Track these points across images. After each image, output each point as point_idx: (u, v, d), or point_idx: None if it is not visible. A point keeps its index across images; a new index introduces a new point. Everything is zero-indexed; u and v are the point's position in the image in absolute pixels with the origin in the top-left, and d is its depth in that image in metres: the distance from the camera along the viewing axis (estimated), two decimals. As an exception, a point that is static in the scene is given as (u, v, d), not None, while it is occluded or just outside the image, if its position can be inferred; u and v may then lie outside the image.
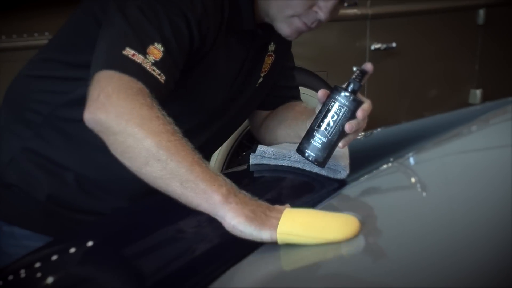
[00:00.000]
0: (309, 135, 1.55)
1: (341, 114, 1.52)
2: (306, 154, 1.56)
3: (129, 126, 1.29)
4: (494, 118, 2.10)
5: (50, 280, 1.27)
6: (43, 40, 2.55)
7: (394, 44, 3.26)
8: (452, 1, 3.51)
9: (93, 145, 1.57)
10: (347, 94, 1.52)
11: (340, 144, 1.56)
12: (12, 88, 1.70)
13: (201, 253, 1.34)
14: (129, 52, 1.36)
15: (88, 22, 1.57)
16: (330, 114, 1.52)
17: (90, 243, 1.37)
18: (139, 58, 1.36)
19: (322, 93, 1.55)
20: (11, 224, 1.64)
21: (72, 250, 1.35)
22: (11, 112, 1.67)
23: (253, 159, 1.68)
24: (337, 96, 1.52)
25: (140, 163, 1.30)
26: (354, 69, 1.52)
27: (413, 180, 1.75)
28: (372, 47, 3.23)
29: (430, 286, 1.21)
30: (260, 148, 1.67)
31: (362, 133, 1.74)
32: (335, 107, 1.52)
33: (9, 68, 2.26)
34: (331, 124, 1.52)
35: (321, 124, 1.53)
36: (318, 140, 1.54)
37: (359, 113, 1.52)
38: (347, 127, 1.52)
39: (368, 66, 1.54)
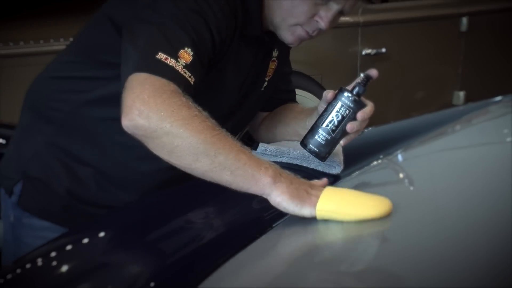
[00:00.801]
0: (314, 131, 1.56)
1: (345, 115, 1.53)
2: (309, 148, 1.57)
3: (174, 128, 1.28)
4: (476, 118, 2.10)
5: (64, 268, 1.27)
6: (49, 46, 2.55)
7: (383, 50, 3.27)
8: (437, 10, 3.52)
9: (111, 142, 1.58)
10: (352, 97, 1.53)
11: (341, 142, 1.58)
12: (33, 89, 1.70)
13: (206, 242, 1.34)
14: (162, 56, 1.36)
15: (106, 26, 1.57)
16: (335, 114, 1.54)
17: (101, 234, 1.37)
18: (171, 62, 1.36)
19: (330, 93, 1.56)
20: (31, 215, 1.65)
21: (85, 240, 1.35)
22: (33, 111, 1.67)
23: (254, 156, 1.68)
24: (343, 98, 1.54)
25: (190, 160, 1.30)
26: (362, 75, 1.53)
27: (401, 175, 1.75)
28: (363, 52, 3.24)
29: (413, 269, 1.22)
30: (261, 146, 1.67)
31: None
32: (341, 108, 1.54)
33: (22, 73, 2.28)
34: (336, 123, 1.54)
35: (326, 122, 1.54)
36: (322, 136, 1.55)
37: (359, 115, 1.53)
38: (349, 127, 1.54)
39: (373, 72, 1.55)
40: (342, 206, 1.30)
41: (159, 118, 1.29)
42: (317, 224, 1.34)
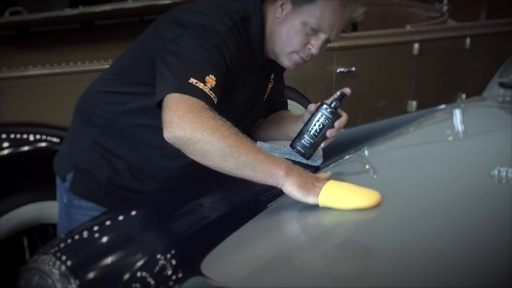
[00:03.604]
0: (301, 136, 1.56)
1: (325, 124, 1.54)
2: (297, 149, 1.57)
3: (204, 135, 1.27)
4: (426, 122, 2.10)
5: (105, 238, 1.26)
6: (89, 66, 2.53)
7: (353, 68, 3.26)
8: (395, 37, 3.51)
9: (142, 142, 1.57)
10: (331, 109, 1.54)
11: (322, 145, 1.58)
12: (82, 99, 1.69)
13: (214, 219, 1.33)
14: (193, 80, 1.35)
15: (141, 51, 1.56)
16: (317, 123, 1.54)
17: (134, 212, 1.36)
18: (200, 85, 1.35)
19: (313, 107, 1.57)
20: (80, 198, 1.64)
21: (121, 217, 1.34)
22: (82, 116, 1.66)
23: (253, 152, 1.66)
24: (323, 111, 1.54)
25: (218, 161, 1.29)
26: (338, 93, 1.55)
27: (367, 166, 1.75)
28: (338, 71, 3.22)
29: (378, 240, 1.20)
30: (259, 143, 1.67)
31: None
32: (322, 118, 1.54)
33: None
34: (318, 130, 1.54)
35: (310, 129, 1.55)
36: (307, 140, 1.55)
37: (336, 124, 1.54)
38: (328, 133, 1.55)
39: (347, 90, 1.56)
40: (340, 197, 1.28)
41: (192, 129, 1.28)
42: (304, 205, 1.33)
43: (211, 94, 1.35)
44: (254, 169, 1.28)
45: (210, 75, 1.37)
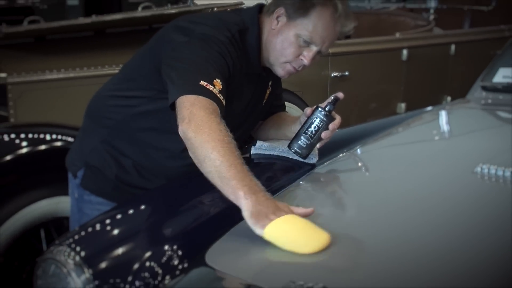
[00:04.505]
0: (297, 137, 1.57)
1: (320, 126, 1.55)
2: (294, 150, 1.57)
3: (199, 133, 1.26)
4: (414, 122, 2.10)
5: (115, 231, 1.26)
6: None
7: (347, 73, 3.26)
8: (385, 44, 3.51)
9: (147, 143, 1.57)
10: (325, 113, 1.54)
11: (317, 145, 1.58)
12: (92, 102, 1.68)
13: (213, 215, 1.33)
14: (203, 83, 1.34)
15: (147, 57, 1.55)
16: (313, 126, 1.55)
17: (141, 207, 1.36)
18: (210, 87, 1.34)
19: (309, 110, 1.57)
20: (90, 193, 1.63)
21: (130, 211, 1.34)
22: (92, 118, 1.66)
23: (253, 150, 1.68)
24: (318, 114, 1.55)
25: (200, 160, 1.26)
26: (332, 97, 1.55)
27: (359, 164, 1.75)
28: (332, 75, 3.22)
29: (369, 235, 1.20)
30: (259, 143, 1.67)
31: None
32: (317, 121, 1.55)
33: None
34: (313, 132, 1.55)
35: (306, 131, 1.55)
36: (303, 141, 1.56)
37: (331, 126, 1.55)
38: (323, 135, 1.55)
39: (340, 95, 1.56)
40: (284, 237, 1.15)
41: (195, 125, 1.27)
42: (303, 199, 1.33)
43: (220, 96, 1.35)
44: (222, 181, 1.22)
45: (217, 79, 1.37)
